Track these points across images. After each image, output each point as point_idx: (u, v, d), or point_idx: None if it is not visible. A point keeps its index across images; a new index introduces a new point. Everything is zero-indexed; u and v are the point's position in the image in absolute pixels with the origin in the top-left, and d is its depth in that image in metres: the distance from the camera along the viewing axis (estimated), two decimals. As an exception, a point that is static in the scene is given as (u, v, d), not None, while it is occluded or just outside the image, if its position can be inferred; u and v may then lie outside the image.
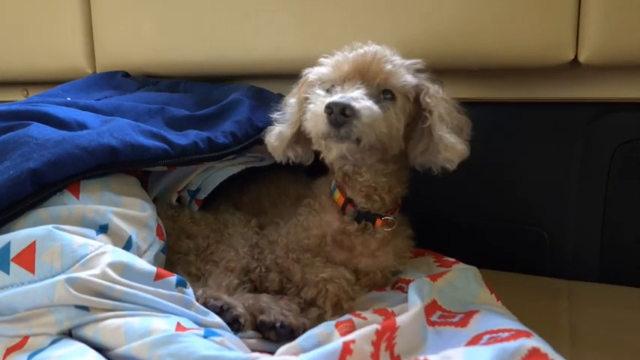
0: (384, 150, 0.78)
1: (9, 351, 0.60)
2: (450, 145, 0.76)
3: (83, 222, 0.72)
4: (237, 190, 1.04)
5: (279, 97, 1.06)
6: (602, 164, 1.05)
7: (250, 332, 0.71)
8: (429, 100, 0.78)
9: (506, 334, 0.57)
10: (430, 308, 0.70)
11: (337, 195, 0.86)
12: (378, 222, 0.84)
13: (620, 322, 0.86)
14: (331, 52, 0.85)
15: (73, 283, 0.61)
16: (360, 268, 0.85)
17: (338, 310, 0.74)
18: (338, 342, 0.53)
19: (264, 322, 0.70)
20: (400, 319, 0.60)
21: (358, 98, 0.72)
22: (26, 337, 0.61)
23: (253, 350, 0.68)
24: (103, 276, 0.63)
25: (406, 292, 0.82)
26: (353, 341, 0.53)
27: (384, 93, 0.77)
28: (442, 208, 1.19)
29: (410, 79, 0.78)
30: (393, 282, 0.87)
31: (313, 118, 0.75)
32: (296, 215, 0.89)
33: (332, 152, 0.76)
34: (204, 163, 0.93)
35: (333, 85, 0.79)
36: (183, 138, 0.88)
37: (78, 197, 0.75)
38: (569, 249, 1.10)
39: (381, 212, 0.85)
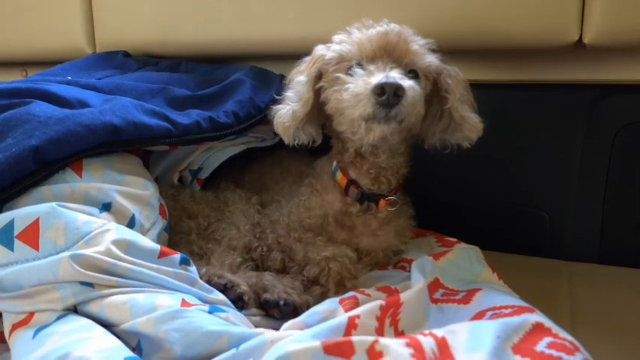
0: (409, 130, 0.78)
1: (15, 327, 0.61)
2: (474, 123, 0.78)
3: (86, 200, 0.72)
4: (238, 168, 1.04)
5: (282, 78, 1.06)
6: (604, 146, 1.05)
7: (254, 310, 0.71)
8: (449, 82, 0.79)
9: (509, 310, 0.57)
10: (433, 286, 0.70)
11: (339, 176, 0.86)
12: (382, 202, 0.84)
13: (619, 304, 0.87)
14: (333, 32, 0.84)
15: (77, 259, 0.61)
16: (361, 247, 0.85)
17: (341, 288, 0.74)
18: (343, 317, 0.53)
19: (267, 300, 0.70)
20: (404, 296, 0.60)
21: (401, 78, 0.71)
22: (32, 314, 0.61)
23: (257, 327, 0.69)
24: (108, 253, 0.63)
25: (408, 272, 0.82)
26: (358, 316, 0.54)
27: (408, 72, 0.77)
28: (442, 190, 1.19)
29: (434, 60, 0.78)
30: (395, 261, 0.88)
31: (354, 99, 0.73)
32: (298, 195, 0.89)
33: (373, 134, 0.74)
34: (206, 142, 0.93)
35: (358, 64, 0.77)
36: (185, 117, 0.87)
37: (80, 175, 0.75)
38: (569, 231, 1.11)
39: (385, 193, 0.85)
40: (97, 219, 0.68)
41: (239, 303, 0.69)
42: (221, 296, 0.68)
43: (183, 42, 1.23)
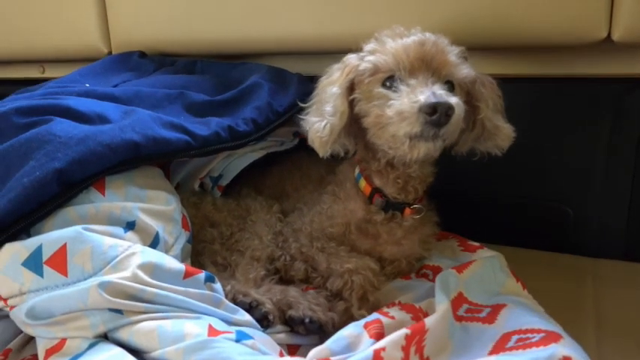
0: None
1: (49, 353, 0.62)
2: (508, 133, 0.78)
3: (110, 220, 0.73)
4: (258, 173, 1.04)
5: (299, 78, 1.05)
6: (631, 140, 1.02)
7: (279, 327, 0.72)
8: (483, 91, 0.78)
9: (536, 338, 0.57)
10: (457, 301, 0.70)
11: (363, 184, 0.86)
12: (407, 211, 0.84)
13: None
14: (350, 30, 0.81)
15: (105, 287, 0.62)
16: (384, 256, 0.85)
17: (364, 302, 0.75)
18: (369, 351, 0.53)
19: (293, 318, 0.71)
20: (429, 321, 0.60)
21: (447, 94, 0.70)
22: (64, 340, 0.62)
23: (282, 344, 0.70)
24: (134, 278, 0.64)
25: (431, 280, 0.83)
26: (383, 349, 0.54)
27: (444, 84, 0.75)
28: (464, 184, 1.17)
29: (469, 70, 0.77)
30: (417, 268, 0.88)
31: (398, 117, 0.71)
32: (320, 203, 0.89)
33: (417, 151, 0.73)
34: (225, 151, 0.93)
35: (391, 77, 0.75)
36: (204, 128, 0.87)
37: (104, 194, 0.75)
38: (593, 226, 1.09)
39: (411, 201, 0.84)
40: (122, 241, 0.69)
41: (264, 322, 0.70)
42: (246, 316, 0.69)
43: (198, 40, 1.22)
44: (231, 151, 0.95)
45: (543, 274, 0.96)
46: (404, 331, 0.57)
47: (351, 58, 0.81)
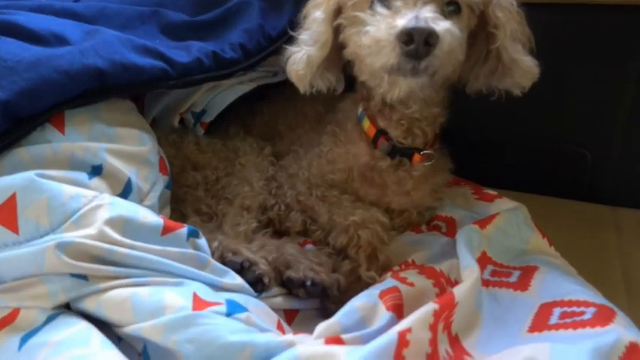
0: (445, 79, 0.65)
1: (-1, 325, 0.52)
2: (528, 68, 0.65)
3: (72, 163, 0.61)
4: (247, 109, 0.91)
5: (295, -3, 0.90)
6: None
7: (275, 289, 0.63)
8: (499, 15, 0.64)
9: (587, 315, 0.48)
10: (481, 262, 0.61)
11: (367, 124, 0.74)
12: (416, 157, 0.73)
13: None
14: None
15: (65, 248, 0.51)
16: (392, 207, 0.75)
17: (373, 261, 0.65)
18: (392, 334, 0.43)
19: (292, 279, 0.62)
20: (459, 293, 0.50)
21: (434, 18, 0.57)
22: (17, 310, 0.52)
23: (277, 310, 0.61)
24: (101, 236, 0.53)
25: (444, 234, 0.74)
26: (409, 330, 0.44)
27: (447, 5, 0.62)
28: (474, 123, 1.06)
29: None
30: (428, 219, 0.78)
31: (375, 46, 0.59)
32: (319, 145, 0.77)
33: (398, 89, 0.62)
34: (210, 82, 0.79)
35: None
36: (184, 53, 0.74)
37: (63, 132, 0.63)
38: (611, 172, 1.00)
39: (420, 146, 0.73)
40: (86, 190, 0.58)
41: (258, 285, 0.60)
42: (237, 279, 0.59)
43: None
44: (216, 82, 0.82)
45: (563, 225, 0.87)
46: (431, 306, 0.47)
47: None
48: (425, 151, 0.73)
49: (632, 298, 0.72)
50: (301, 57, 0.69)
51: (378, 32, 0.59)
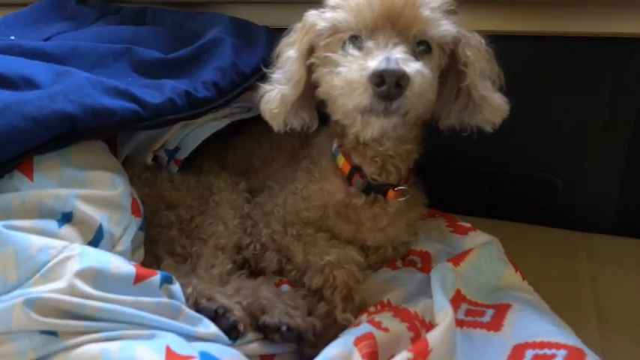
0: (418, 118, 0.66)
1: (-35, 385, 0.50)
2: (497, 105, 0.66)
3: (41, 211, 0.60)
4: (221, 144, 0.91)
5: (268, 31, 0.91)
6: (631, 107, 0.94)
7: (250, 335, 0.62)
8: (469, 53, 0.65)
9: (557, 358, 0.48)
10: (455, 301, 0.62)
11: (341, 161, 0.74)
12: (391, 193, 0.73)
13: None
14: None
15: (33, 304, 0.50)
16: (367, 243, 0.75)
17: (349, 302, 0.65)
18: (366, 388, 0.44)
19: (267, 325, 0.61)
20: (432, 339, 0.51)
21: (405, 60, 0.58)
22: (-17, 369, 0.50)
23: (253, 356, 0.60)
24: (71, 290, 0.52)
25: (420, 269, 0.74)
26: (383, 382, 0.44)
27: (418, 45, 0.63)
28: (447, 152, 1.08)
29: (450, 27, 0.64)
30: (403, 254, 0.78)
31: (347, 87, 0.60)
32: (294, 182, 0.78)
33: (371, 129, 0.63)
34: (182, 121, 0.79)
35: (353, 37, 0.63)
36: (156, 93, 0.73)
37: (32, 179, 0.62)
38: (583, 198, 1.02)
39: (394, 182, 0.73)
40: (55, 241, 0.56)
41: (233, 333, 0.59)
42: (211, 327, 0.58)
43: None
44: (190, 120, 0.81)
45: (535, 252, 0.90)
46: (405, 355, 0.47)
47: (310, 16, 0.69)
48: (399, 187, 0.74)
49: (603, 322, 0.74)
50: (275, 96, 0.69)
51: (350, 73, 0.60)
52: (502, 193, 1.06)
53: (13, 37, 0.87)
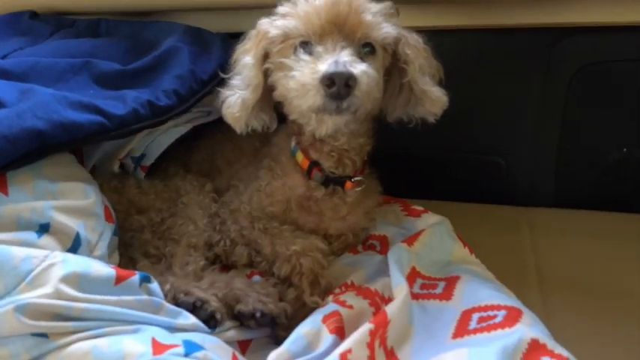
0: (367, 113, 0.72)
1: (-38, 390, 0.54)
2: (436, 98, 0.72)
3: (19, 224, 0.63)
4: (185, 148, 0.95)
5: (222, 38, 0.95)
6: (560, 88, 1.03)
7: (227, 323, 0.67)
8: (408, 52, 0.71)
9: (498, 318, 0.56)
10: (411, 277, 0.69)
11: (300, 157, 0.80)
12: (348, 184, 0.79)
13: (582, 254, 0.89)
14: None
15: (24, 310, 0.54)
16: (330, 232, 0.81)
17: (316, 287, 0.71)
18: (334, 356, 0.50)
19: (242, 313, 0.66)
20: (391, 311, 0.57)
21: (352, 62, 0.63)
22: (-21, 374, 0.54)
23: (231, 342, 0.66)
24: (58, 294, 0.56)
25: (379, 252, 0.80)
26: (349, 351, 0.51)
27: (363, 47, 0.69)
28: (399, 141, 1.15)
29: (391, 29, 0.70)
30: (363, 239, 0.85)
31: (301, 90, 0.66)
32: (257, 180, 0.83)
33: (325, 126, 0.69)
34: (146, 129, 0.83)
35: (304, 42, 0.69)
36: (120, 105, 0.76)
37: (6, 193, 0.65)
38: (525, 175, 1.11)
39: (351, 174, 0.79)
40: (36, 250, 0.60)
41: (211, 322, 0.64)
42: (191, 319, 0.63)
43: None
44: (153, 128, 0.85)
45: (481, 228, 0.97)
46: (367, 326, 0.54)
47: (263, 24, 0.74)
48: (356, 178, 0.80)
49: (544, 288, 0.82)
50: (236, 100, 0.74)
51: (302, 77, 0.66)
52: (451, 177, 1.14)
53: (-31, 57, 0.88)
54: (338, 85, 0.63)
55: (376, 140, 0.84)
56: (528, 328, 0.52)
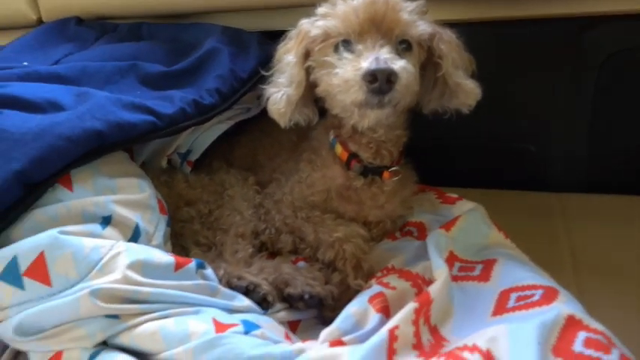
0: (405, 107, 0.75)
1: (47, 367, 0.59)
2: (470, 90, 0.75)
3: (84, 217, 0.68)
4: (226, 143, 1.00)
5: (259, 38, 0.99)
6: (590, 76, 1.04)
7: (278, 305, 0.72)
8: (442, 47, 0.75)
9: (536, 296, 0.59)
10: (449, 261, 0.72)
11: (339, 149, 0.84)
12: (386, 174, 0.83)
13: (615, 238, 0.91)
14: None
15: (97, 294, 0.59)
16: (369, 219, 0.85)
17: (359, 271, 0.75)
18: (383, 332, 0.54)
19: (291, 295, 0.71)
20: (433, 291, 0.61)
21: (392, 59, 0.67)
22: (60, 352, 0.60)
23: (282, 322, 0.70)
24: (126, 280, 0.61)
25: (416, 238, 0.84)
26: (397, 327, 0.55)
27: (400, 44, 0.72)
28: (430, 130, 1.18)
29: (426, 27, 0.74)
30: (400, 225, 0.88)
31: (344, 86, 0.69)
32: (298, 172, 0.87)
33: (368, 119, 0.73)
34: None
35: (345, 41, 0.73)
36: (168, 105, 0.81)
37: (72, 189, 0.70)
38: (557, 162, 1.13)
39: (388, 164, 0.83)
40: (103, 241, 0.65)
41: (264, 304, 0.69)
42: (245, 301, 0.68)
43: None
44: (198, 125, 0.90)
45: (514, 214, 0.98)
46: (412, 305, 0.58)
47: (304, 24, 0.78)
48: (393, 168, 0.84)
49: (578, 272, 0.84)
50: (281, 97, 0.78)
51: (345, 74, 0.69)
52: (484, 165, 1.16)
53: (26, 63, 0.94)
54: (380, 81, 0.66)
55: (411, 131, 0.87)
56: (565, 306, 0.55)
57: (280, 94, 0.77)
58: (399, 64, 0.67)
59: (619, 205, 1.02)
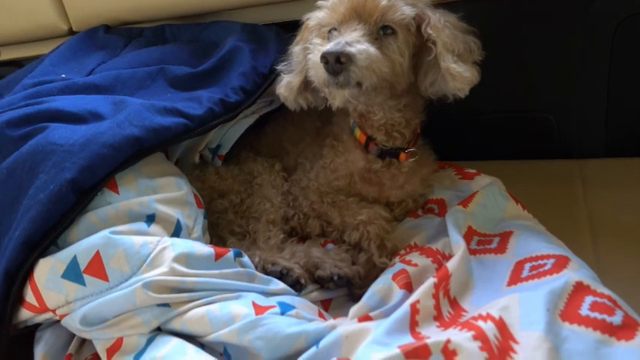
0: (392, 87, 0.78)
1: (109, 352, 0.68)
2: (457, 74, 0.74)
3: (131, 217, 0.75)
4: (253, 134, 1.05)
5: (276, 32, 1.04)
6: (605, 39, 1.05)
7: (310, 287, 0.78)
8: (430, 32, 0.76)
9: (547, 265, 0.63)
10: (467, 236, 0.76)
11: (358, 133, 0.89)
12: (402, 156, 0.88)
13: (634, 202, 0.93)
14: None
15: (149, 286, 0.67)
16: (391, 200, 0.90)
17: (383, 250, 0.81)
18: (405, 306, 0.60)
19: (322, 277, 0.77)
20: (451, 266, 0.66)
21: (353, 42, 0.71)
22: (120, 339, 0.67)
23: (315, 302, 0.77)
24: (173, 272, 0.68)
25: (437, 214, 0.88)
26: (418, 301, 0.60)
27: (383, 29, 0.76)
28: (451, 107, 1.21)
29: (408, 10, 0.76)
30: (422, 203, 0.93)
31: (314, 67, 0.76)
32: (322, 158, 0.92)
33: (336, 99, 0.77)
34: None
35: (332, 29, 0.78)
36: (197, 106, 0.87)
37: (118, 192, 0.77)
38: (575, 128, 1.14)
39: (403, 146, 0.87)
40: (150, 238, 0.72)
41: (297, 286, 0.76)
42: (280, 285, 0.75)
43: (158, 3, 1.17)
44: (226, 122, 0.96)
45: (534, 183, 1.02)
46: (432, 280, 0.63)
47: (307, 16, 0.84)
48: (409, 150, 0.88)
49: (595, 237, 0.87)
50: (283, 83, 0.86)
51: (314, 57, 0.75)
52: (502, 137, 1.19)
53: (64, 76, 1.02)
54: (330, 63, 0.71)
55: (425, 116, 0.90)
56: (574, 273, 0.60)
57: (285, 80, 0.85)
58: (357, 47, 0.71)
59: (637, 169, 1.03)
